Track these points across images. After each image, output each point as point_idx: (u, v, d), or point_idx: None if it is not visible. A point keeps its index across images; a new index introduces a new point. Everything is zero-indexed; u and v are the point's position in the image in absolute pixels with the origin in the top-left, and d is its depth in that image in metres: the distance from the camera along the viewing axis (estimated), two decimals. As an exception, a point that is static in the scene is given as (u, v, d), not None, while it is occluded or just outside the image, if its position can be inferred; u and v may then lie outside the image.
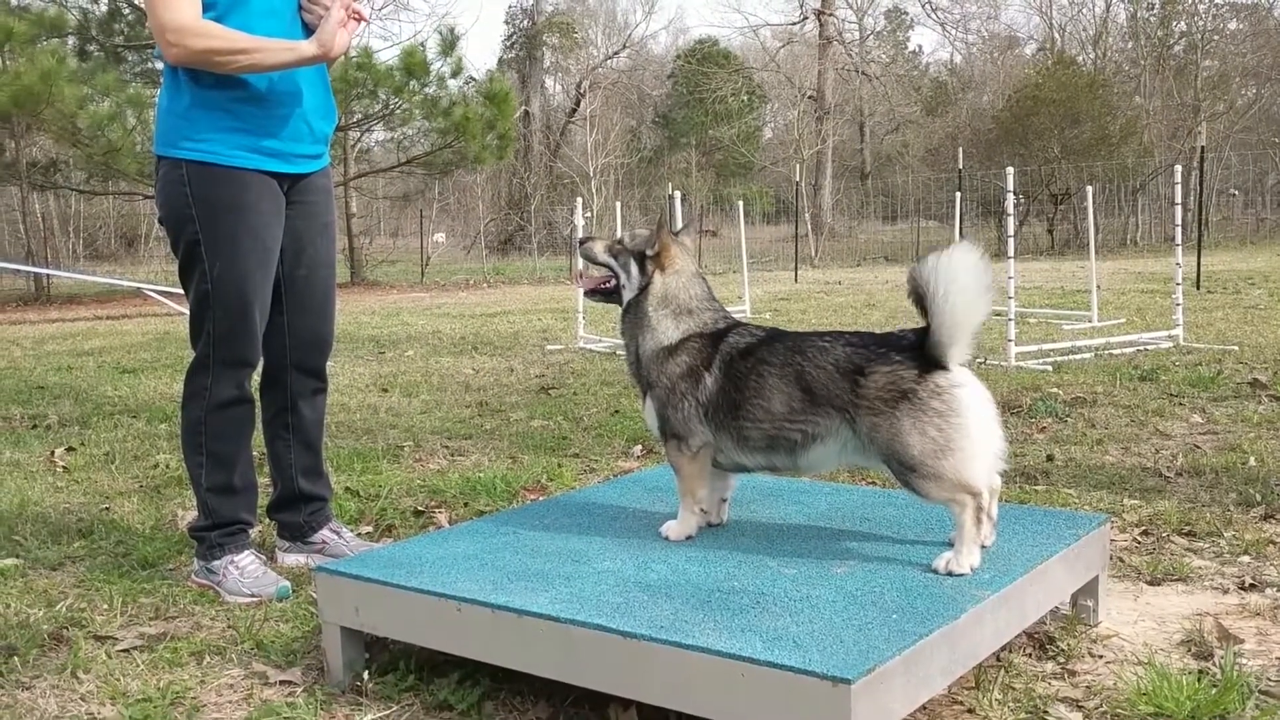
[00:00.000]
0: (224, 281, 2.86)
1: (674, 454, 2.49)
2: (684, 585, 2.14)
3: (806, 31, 37.93)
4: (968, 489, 2.20)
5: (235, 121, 2.82)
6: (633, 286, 2.56)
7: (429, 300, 15.88)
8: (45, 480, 4.40)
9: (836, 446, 2.31)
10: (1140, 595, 2.76)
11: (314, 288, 3.09)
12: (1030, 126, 25.52)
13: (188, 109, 2.81)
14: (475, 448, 4.86)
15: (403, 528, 3.56)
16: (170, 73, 2.84)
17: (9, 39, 13.04)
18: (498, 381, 6.94)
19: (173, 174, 2.86)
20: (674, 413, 2.45)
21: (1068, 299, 11.98)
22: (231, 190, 2.84)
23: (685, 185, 35.56)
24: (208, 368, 2.90)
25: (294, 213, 3.01)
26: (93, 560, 3.29)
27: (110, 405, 6.30)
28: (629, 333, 2.58)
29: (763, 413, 2.35)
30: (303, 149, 2.97)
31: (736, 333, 2.47)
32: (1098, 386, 5.91)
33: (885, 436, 2.21)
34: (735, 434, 2.40)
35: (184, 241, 2.87)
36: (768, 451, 2.38)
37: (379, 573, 2.27)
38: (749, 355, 2.40)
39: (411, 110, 16.06)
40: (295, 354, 3.09)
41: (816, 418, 2.29)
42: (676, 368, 2.45)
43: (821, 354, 2.31)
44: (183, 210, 2.85)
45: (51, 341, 10.45)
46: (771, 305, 12.53)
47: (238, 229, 2.85)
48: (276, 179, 2.92)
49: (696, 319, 2.50)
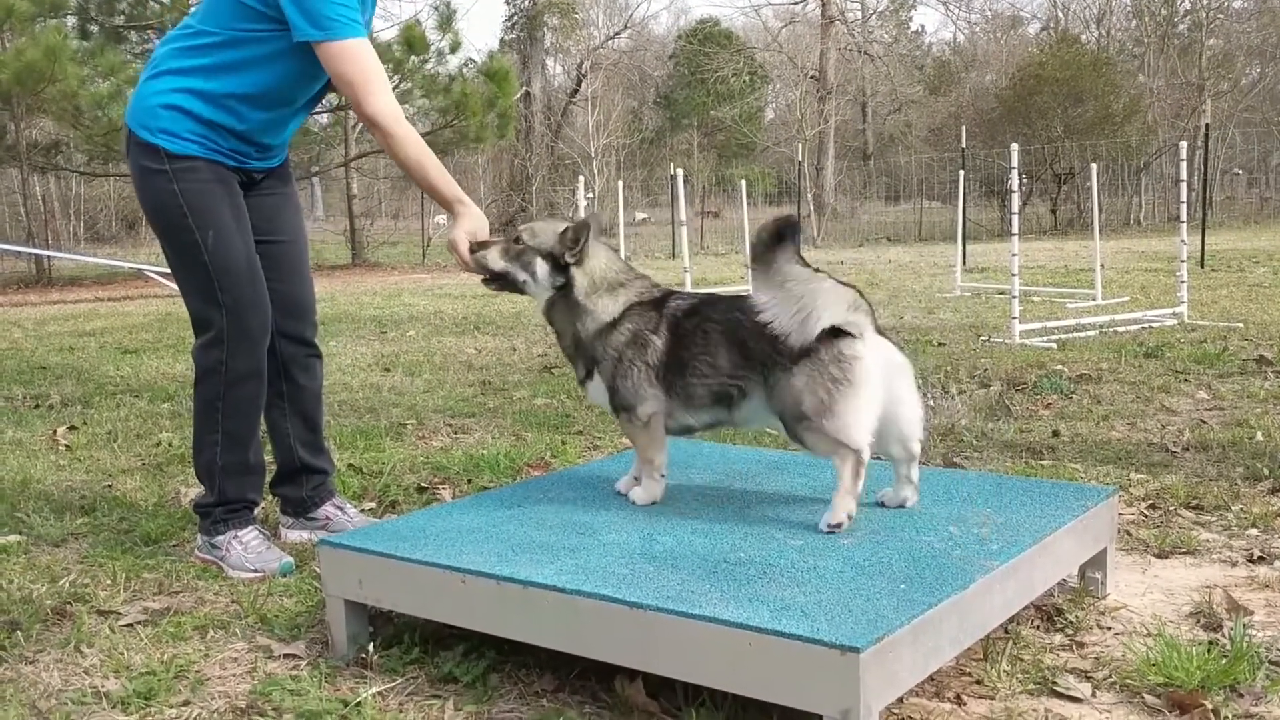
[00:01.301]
0: (222, 248, 2.83)
1: (627, 426, 2.52)
2: (690, 557, 2.13)
3: (809, 11, 37.72)
4: (846, 445, 2.26)
5: (217, 139, 2.84)
6: (543, 285, 2.54)
7: (430, 281, 15.85)
8: (48, 459, 4.39)
9: (759, 402, 2.38)
10: (1148, 568, 2.75)
11: (290, 256, 3.09)
12: (1033, 105, 25.40)
13: (174, 107, 2.79)
14: (478, 425, 4.84)
15: (406, 504, 3.55)
16: (176, 60, 2.81)
17: (9, 17, 12.97)
18: (500, 361, 6.92)
19: (149, 153, 2.82)
20: (624, 381, 2.47)
21: (1071, 277, 11.94)
22: (206, 169, 2.84)
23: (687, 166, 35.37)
24: (222, 342, 2.87)
25: (263, 187, 3.03)
26: (95, 537, 3.27)
27: (112, 385, 6.28)
28: (562, 321, 2.57)
29: (709, 368, 2.40)
30: (271, 162, 3.04)
31: (677, 297, 2.52)
32: (1103, 363, 5.89)
33: (784, 390, 2.29)
34: (684, 393, 2.44)
35: (169, 217, 2.84)
36: (713, 408, 2.45)
37: (383, 545, 2.26)
38: (694, 314, 2.46)
39: (412, 89, 16.00)
40: (281, 321, 3.06)
41: (749, 372, 2.36)
42: (622, 336, 2.48)
43: (754, 311, 2.34)
44: (163, 187, 2.82)
45: (53, 323, 10.43)
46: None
47: (221, 199, 2.85)
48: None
49: (630, 289, 2.53)
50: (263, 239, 2.97)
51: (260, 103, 2.83)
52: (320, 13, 2.63)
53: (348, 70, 2.70)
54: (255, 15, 2.73)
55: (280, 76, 2.80)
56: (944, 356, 6.29)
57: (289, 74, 2.79)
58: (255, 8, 2.72)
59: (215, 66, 2.79)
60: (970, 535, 2.22)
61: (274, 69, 2.78)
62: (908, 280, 12.46)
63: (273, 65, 2.78)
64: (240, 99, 2.81)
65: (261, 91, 2.81)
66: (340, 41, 2.67)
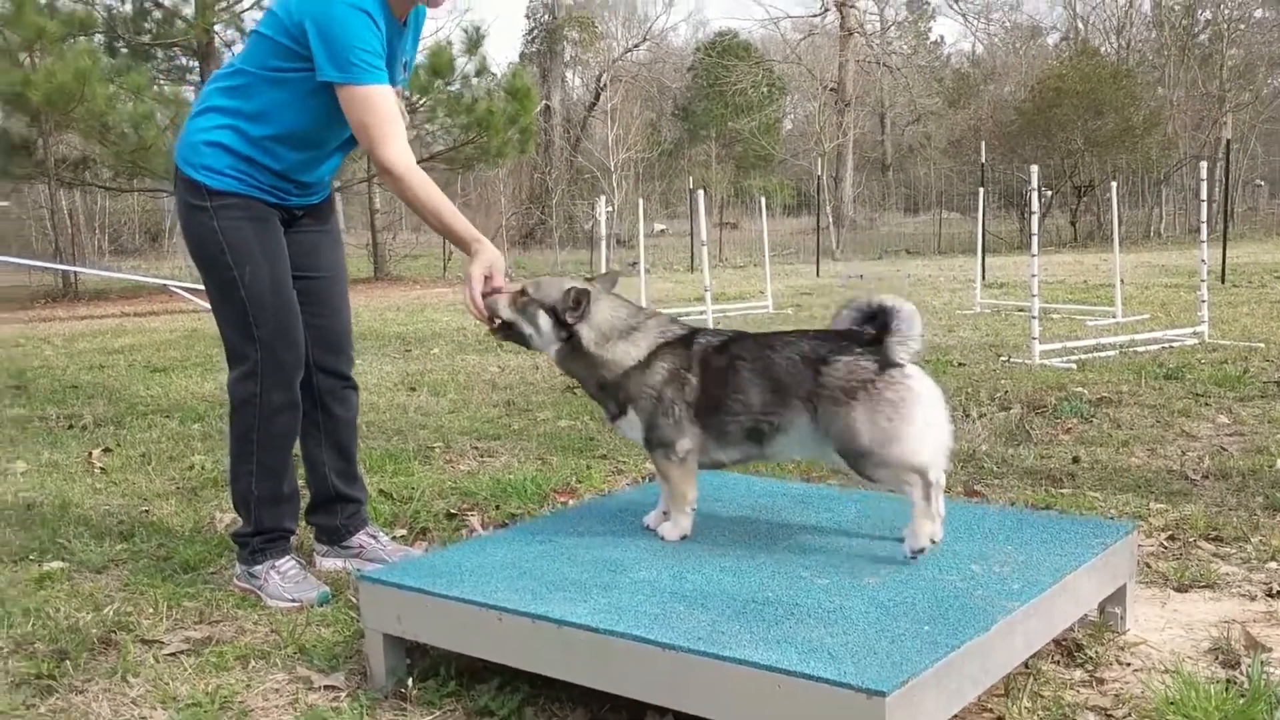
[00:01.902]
0: (258, 283, 2.92)
1: (663, 462, 2.57)
2: (719, 596, 2.19)
3: (827, 23, 37.80)
4: (914, 468, 2.34)
5: (256, 175, 2.92)
6: (548, 338, 2.60)
7: (452, 295, 15.94)
8: (84, 482, 4.49)
9: (798, 436, 2.44)
10: (1168, 602, 2.80)
11: (329, 291, 3.18)
12: (1053, 118, 25.37)
13: (215, 144, 2.88)
14: (504, 448, 4.92)
15: (436, 530, 3.62)
16: (218, 98, 2.91)
17: (40, 38, 13.18)
18: (523, 380, 6.99)
19: (193, 190, 2.91)
20: (665, 419, 2.52)
21: (1091, 293, 11.95)
22: (246, 206, 2.92)
23: (705, 178, 35.52)
24: (256, 375, 2.95)
25: (300, 225, 3.11)
26: (135, 563, 3.36)
27: (143, 405, 6.39)
28: (581, 371, 2.63)
29: (742, 406, 2.46)
30: (311, 199, 3.11)
31: (703, 334, 2.58)
32: (1123, 385, 5.92)
33: (842, 425, 2.35)
34: (718, 430, 2.51)
35: (209, 252, 2.93)
36: (744, 444, 2.51)
37: (421, 581, 2.33)
38: (723, 352, 2.52)
39: (436, 109, 16.15)
40: (317, 355, 3.14)
41: (783, 408, 2.42)
42: (658, 376, 2.53)
43: (788, 346, 2.43)
44: (205, 223, 2.91)
45: (82, 339, 10.58)
46: (794, 300, 12.54)
47: (260, 237, 2.93)
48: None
49: (649, 331, 2.58)
50: (302, 275, 3.06)
51: (294, 143, 2.92)
52: (343, 56, 2.71)
53: (364, 116, 2.76)
54: (289, 54, 2.81)
55: (312, 117, 2.88)
56: (964, 378, 6.33)
57: (320, 115, 2.87)
58: (289, 46, 2.80)
59: (252, 105, 2.88)
60: (991, 574, 2.28)
61: (306, 109, 2.86)
62: (927, 296, 12.49)
63: (305, 105, 2.86)
64: (275, 139, 2.89)
65: (294, 132, 2.90)
66: (360, 86, 2.74)
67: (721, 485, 3.08)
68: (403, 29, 2.94)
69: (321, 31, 2.71)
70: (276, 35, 2.81)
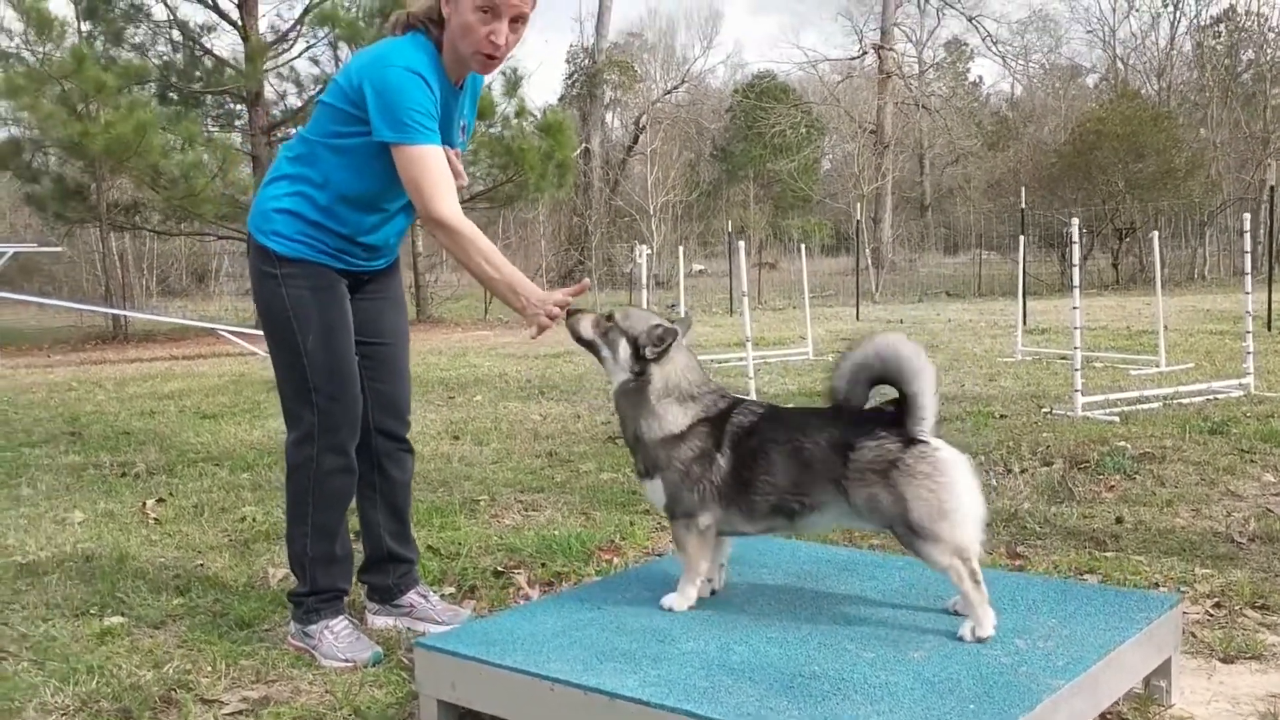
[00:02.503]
0: (320, 353, 3.02)
1: (681, 532, 2.64)
2: (766, 669, 2.24)
3: (866, 65, 37.98)
4: (961, 550, 2.37)
5: (325, 240, 3.03)
6: (621, 368, 2.69)
7: (493, 339, 16.11)
8: (139, 533, 4.60)
9: (832, 514, 2.52)
10: (1214, 673, 2.80)
11: (390, 357, 3.28)
12: (1093, 160, 25.28)
13: (286, 210, 3.00)
14: (548, 502, 4.98)
15: (484, 589, 3.68)
16: (288, 166, 3.03)
17: (100, 91, 13.57)
18: (565, 429, 7.07)
19: (264, 256, 3.03)
20: (688, 495, 2.60)
21: (1134, 340, 11.88)
22: (315, 275, 3.03)
23: (743, 218, 35.69)
24: (312, 439, 3.05)
25: (366, 291, 3.21)
26: (192, 619, 3.45)
27: (194, 453, 6.53)
28: (628, 412, 2.70)
29: (770, 487, 2.53)
30: (377, 264, 3.22)
31: (739, 412, 2.63)
32: (1166, 440, 5.90)
33: (886, 504, 2.40)
34: (743, 506, 2.57)
35: (276, 317, 3.04)
36: (770, 519, 2.58)
37: (475, 650, 2.39)
38: (754, 434, 2.58)
39: (478, 151, 16.41)
40: (376, 418, 3.24)
41: (814, 490, 2.49)
42: (689, 452, 2.60)
43: (816, 430, 2.49)
44: (274, 290, 3.02)
45: (132, 383, 10.79)
46: (834, 346, 12.55)
47: (324, 305, 3.04)
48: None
49: (701, 403, 2.65)
50: (366, 341, 3.16)
51: (358, 206, 3.03)
52: (398, 117, 2.81)
53: (416, 174, 2.85)
54: (350, 119, 2.93)
55: (374, 180, 2.98)
56: (1006, 431, 6.33)
57: (381, 177, 2.97)
58: (350, 111, 2.92)
59: (318, 171, 3.00)
60: (1036, 650, 2.30)
61: (368, 172, 2.97)
62: (968, 342, 12.47)
63: (367, 168, 2.96)
64: (340, 202, 3.00)
65: (358, 195, 3.00)
66: (413, 146, 2.84)
67: (766, 550, 3.12)
68: (458, 92, 3.05)
69: (379, 94, 2.82)
70: (338, 102, 2.93)
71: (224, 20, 16.85)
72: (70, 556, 4.23)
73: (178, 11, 16.90)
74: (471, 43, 2.85)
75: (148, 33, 17.03)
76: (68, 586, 3.83)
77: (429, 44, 2.92)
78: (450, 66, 2.96)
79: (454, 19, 2.87)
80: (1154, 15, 34.04)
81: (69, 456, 6.53)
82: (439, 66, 2.92)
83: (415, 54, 2.86)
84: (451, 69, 2.97)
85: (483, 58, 2.89)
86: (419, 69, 2.84)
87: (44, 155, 16.59)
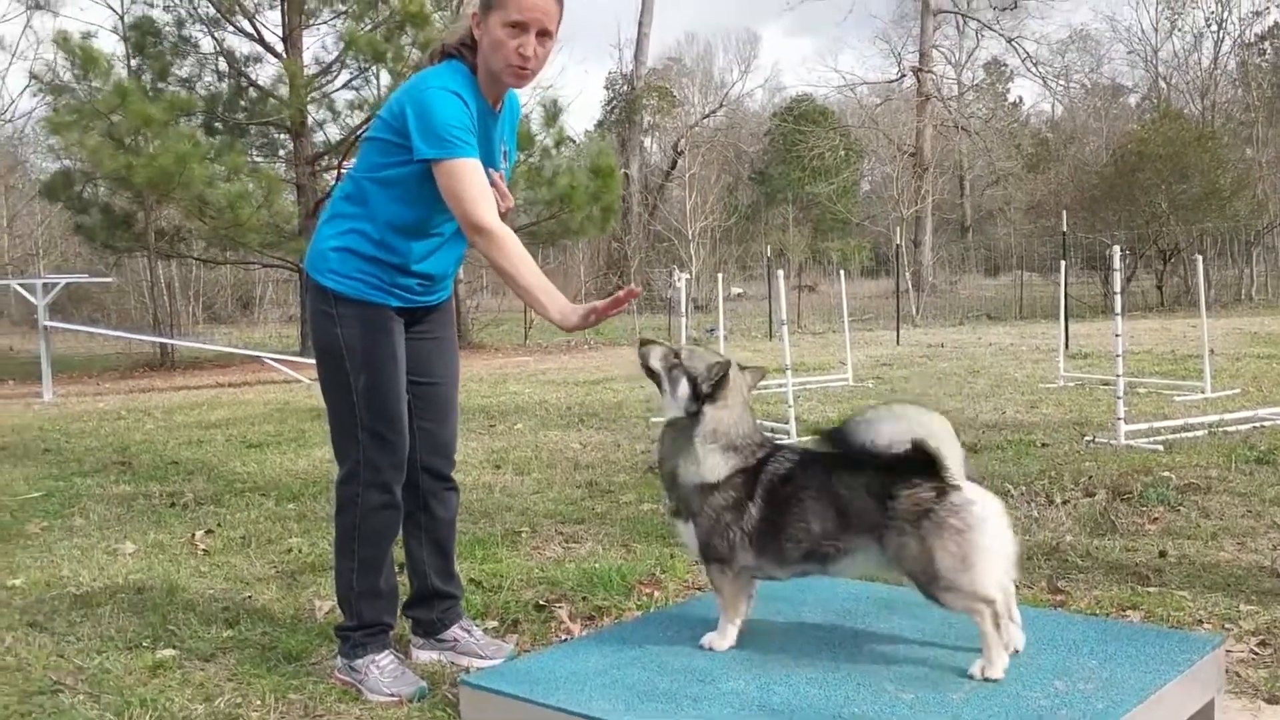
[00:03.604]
0: (370, 393, 3.09)
1: (717, 576, 2.68)
2: (806, 710, 2.26)
3: (905, 87, 37.95)
4: (983, 599, 2.40)
5: (380, 274, 3.10)
6: (677, 405, 2.71)
7: (533, 365, 16.22)
8: (189, 564, 4.69)
9: (864, 559, 2.54)
10: (1259, 714, 2.78)
11: (439, 398, 3.34)
12: (1136, 182, 25.08)
13: (342, 248, 3.08)
14: (588, 534, 5.02)
15: (526, 623, 3.73)
16: (341, 205, 3.12)
17: (147, 124, 13.90)
18: (605, 459, 7.11)
19: (321, 296, 3.12)
20: (720, 541, 2.63)
21: (1179, 365, 11.75)
22: (370, 315, 3.10)
23: (782, 241, 35.71)
24: (358, 476, 3.12)
25: (419, 330, 3.27)
26: (241, 652, 3.52)
27: (240, 482, 6.64)
28: (669, 449, 2.74)
29: (803, 534, 2.56)
30: (431, 298, 3.27)
31: (775, 460, 2.66)
32: (1212, 470, 5.84)
33: (913, 552, 2.43)
34: (776, 553, 2.60)
35: (330, 356, 3.13)
36: (802, 564, 2.62)
37: (519, 689, 2.44)
38: (788, 482, 2.60)
39: (518, 180, 16.59)
40: (423, 456, 3.31)
41: (849, 536, 2.52)
42: (722, 501, 2.63)
43: (852, 477, 2.51)
44: (329, 329, 3.11)
45: (180, 412, 10.98)
46: (874, 372, 12.53)
47: (377, 346, 3.10)
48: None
49: (742, 455, 2.67)
50: (416, 380, 3.23)
51: (409, 233, 3.10)
52: (436, 133, 2.91)
53: (455, 186, 2.93)
54: (392, 148, 3.02)
55: (422, 205, 3.04)
56: (1047, 460, 6.29)
57: (428, 201, 3.02)
58: (393, 140, 3.01)
59: (368, 206, 3.09)
60: (1076, 692, 2.31)
61: (414, 198, 3.04)
62: (1009, 367, 12.40)
63: (413, 194, 3.03)
64: (392, 232, 3.07)
65: (408, 222, 3.07)
66: (451, 160, 2.92)
67: (805, 587, 3.13)
68: (496, 115, 3.14)
69: (418, 113, 2.93)
70: (382, 134, 3.04)
71: (269, 52, 17.19)
72: (122, 588, 4.33)
73: (223, 43, 17.28)
74: (502, 57, 2.97)
75: (194, 65, 17.43)
76: (120, 618, 3.92)
77: (464, 68, 3.06)
78: (486, 87, 3.07)
79: (485, 38, 3.00)
80: (1197, 35, 33.74)
81: (119, 486, 6.66)
82: (475, 87, 3.04)
83: (451, 76, 3.00)
84: (487, 89, 3.07)
85: (514, 70, 3.00)
86: (455, 88, 2.96)
87: (94, 187, 16.97)
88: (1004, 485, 5.49)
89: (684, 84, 45.03)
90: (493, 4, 2.96)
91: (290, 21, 16.89)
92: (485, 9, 2.98)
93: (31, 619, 3.96)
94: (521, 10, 2.93)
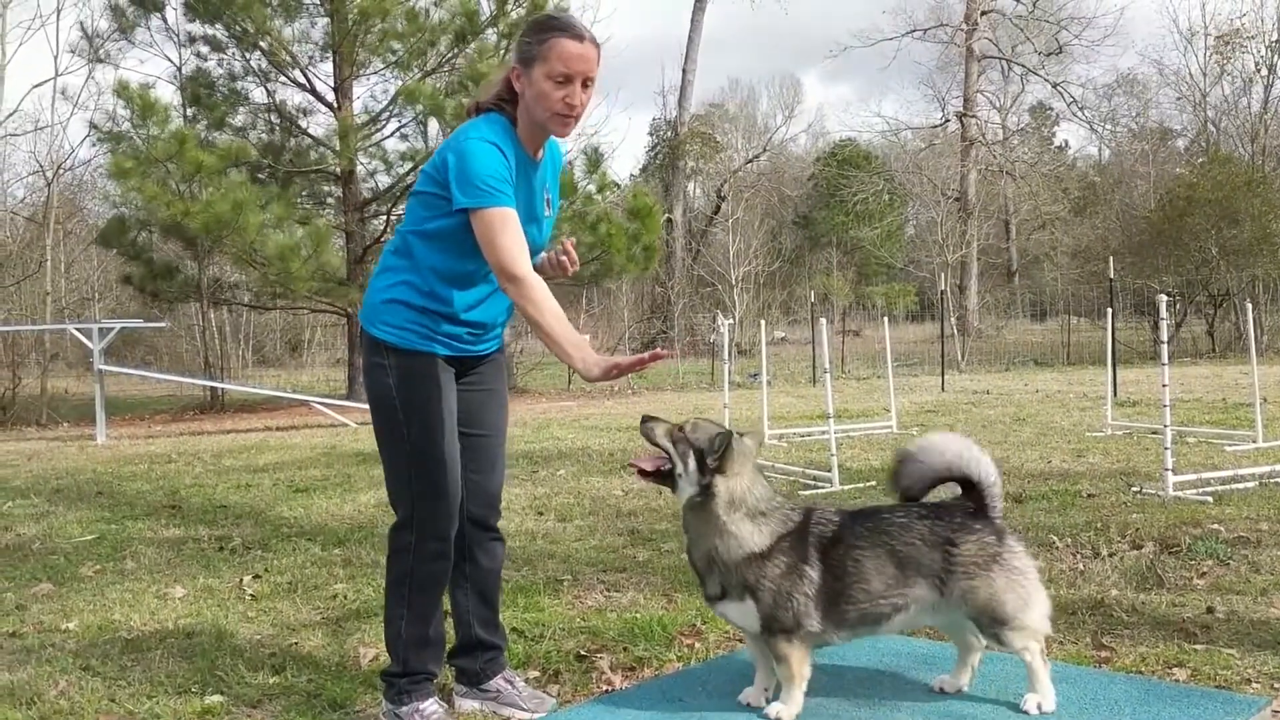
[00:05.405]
0: (422, 442, 3.15)
1: (784, 645, 2.64)
2: (845, 768, 2.27)
3: (949, 132, 37.94)
4: (1041, 635, 2.53)
5: (429, 324, 3.17)
6: (690, 482, 2.72)
7: (576, 410, 16.29)
8: (237, 609, 4.77)
9: (916, 611, 2.59)
10: (1307, 778, 2.74)
11: (488, 449, 3.39)
12: (1185, 227, 24.81)
13: (392, 300, 3.17)
14: (630, 582, 5.04)
15: (568, 673, 3.75)
16: (390, 259, 3.21)
17: (200, 171, 14.24)
18: (647, 506, 7.13)
19: (374, 348, 3.20)
20: (784, 612, 2.61)
21: (1230, 414, 11.58)
22: (422, 366, 3.17)
23: (826, 285, 35.70)
24: (411, 525, 3.18)
25: (470, 381, 3.34)
26: (287, 699, 3.57)
27: (287, 527, 6.73)
28: (697, 532, 2.75)
29: (864, 594, 2.58)
30: (482, 348, 3.34)
31: (817, 520, 2.67)
32: (1262, 523, 5.75)
33: (983, 596, 2.51)
34: (837, 617, 2.61)
35: (383, 406, 3.19)
36: (856, 626, 2.64)
37: (559, 742, 2.46)
38: (839, 542, 2.62)
39: (560, 225, 16.77)
40: (470, 507, 3.36)
41: (908, 589, 2.55)
42: (778, 569, 2.62)
43: (905, 530, 2.55)
44: (382, 380, 3.19)
45: (229, 455, 11.15)
46: (918, 419, 12.46)
47: (430, 397, 3.17)
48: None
49: (775, 519, 2.68)
50: (465, 431, 3.29)
51: (456, 283, 3.17)
52: (472, 183, 2.99)
53: (490, 234, 3.00)
54: (436, 200, 3.11)
55: (465, 256, 3.11)
56: (1093, 511, 6.23)
57: (473, 253, 3.09)
58: (436, 193, 3.10)
59: (415, 259, 3.17)
60: (1118, 753, 2.30)
61: (457, 248, 3.11)
62: (1056, 414, 12.28)
63: (457, 246, 3.11)
64: (439, 281, 3.15)
65: (454, 272, 3.15)
66: (487, 209, 3.00)
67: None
68: (538, 164, 3.22)
69: (459, 162, 3.02)
70: (427, 188, 3.13)
71: (319, 101, 17.56)
72: (172, 632, 4.41)
73: (275, 95, 17.67)
74: (547, 106, 3.05)
75: (247, 115, 17.83)
76: (170, 663, 3.99)
77: (503, 120, 3.14)
78: (526, 138, 3.15)
79: (528, 91, 3.08)
80: (1246, 80, 33.47)
81: (170, 530, 6.78)
82: (514, 138, 3.12)
83: (489, 128, 3.09)
84: (528, 140, 3.16)
85: (560, 118, 3.08)
86: (493, 139, 3.05)
87: (149, 233, 17.36)
88: (1049, 537, 5.45)
89: (727, 129, 45.35)
90: (535, 57, 3.05)
91: (341, 73, 17.25)
92: (526, 63, 3.07)
93: (85, 663, 4.04)
94: (566, 63, 3.02)
